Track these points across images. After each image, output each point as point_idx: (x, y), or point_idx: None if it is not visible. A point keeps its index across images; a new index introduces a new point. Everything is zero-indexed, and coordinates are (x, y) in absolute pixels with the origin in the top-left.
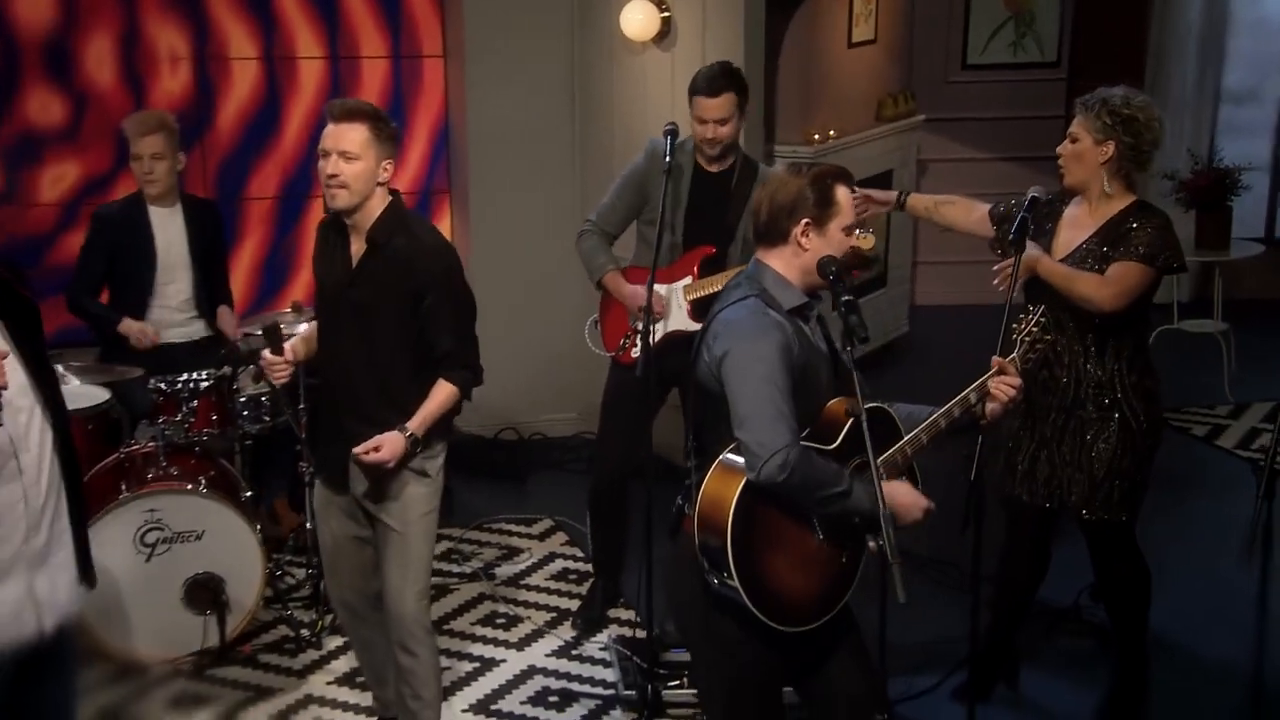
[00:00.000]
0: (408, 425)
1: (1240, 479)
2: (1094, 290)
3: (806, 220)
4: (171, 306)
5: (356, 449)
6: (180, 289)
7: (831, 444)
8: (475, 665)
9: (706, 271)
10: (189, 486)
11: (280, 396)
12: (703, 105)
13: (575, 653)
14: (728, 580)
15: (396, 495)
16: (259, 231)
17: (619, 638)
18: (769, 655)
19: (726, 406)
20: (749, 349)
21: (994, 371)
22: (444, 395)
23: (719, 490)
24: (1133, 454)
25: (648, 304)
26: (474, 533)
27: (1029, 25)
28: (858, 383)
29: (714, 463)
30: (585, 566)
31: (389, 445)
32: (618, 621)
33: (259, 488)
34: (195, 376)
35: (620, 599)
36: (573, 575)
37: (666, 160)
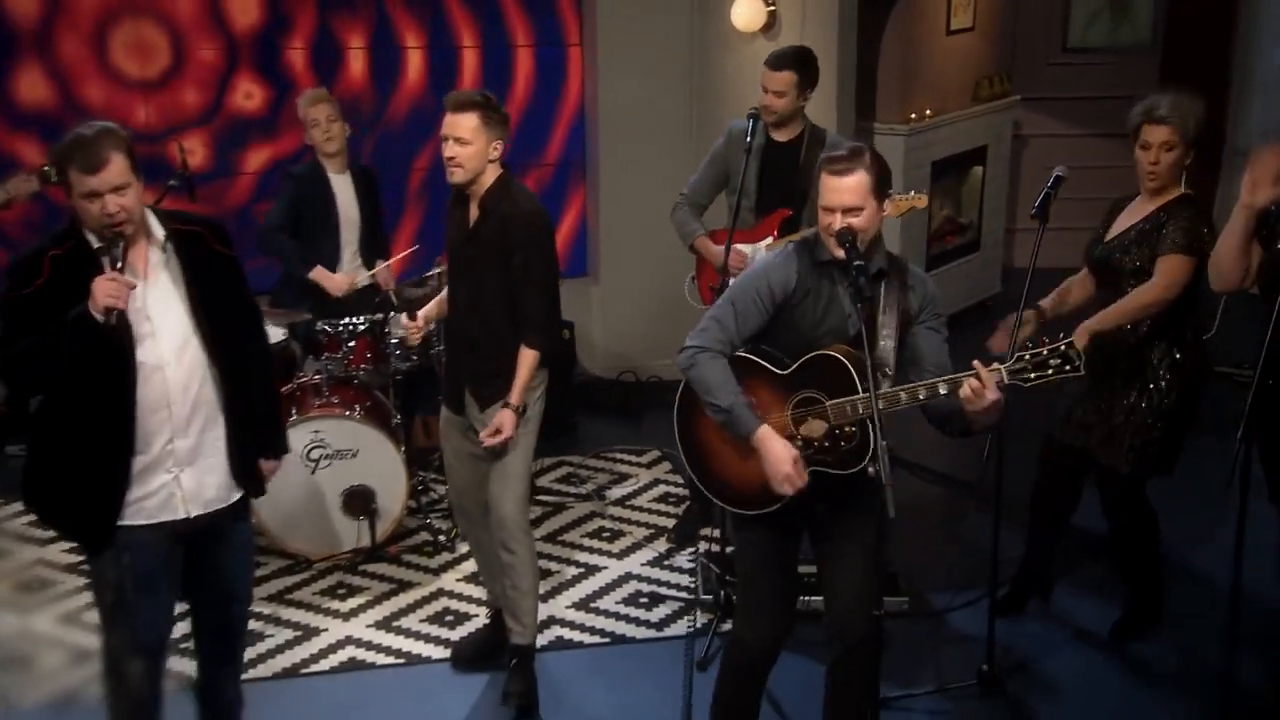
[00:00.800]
0: (510, 400)
1: None
2: (1148, 297)
3: None
4: (346, 258)
5: (482, 434)
6: (349, 243)
7: (784, 370)
8: (580, 570)
9: (785, 232)
10: (347, 413)
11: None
12: (766, 76)
13: (666, 563)
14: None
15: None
16: (423, 200)
17: (705, 552)
18: (751, 534)
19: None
20: (744, 276)
21: (970, 374)
22: (530, 363)
23: None
24: (1152, 419)
25: (724, 261)
26: (592, 460)
27: (1124, 11)
28: (865, 338)
29: None
30: (683, 491)
31: (506, 424)
32: (705, 539)
33: (408, 416)
34: (354, 320)
35: (710, 521)
36: (672, 499)
37: (748, 140)
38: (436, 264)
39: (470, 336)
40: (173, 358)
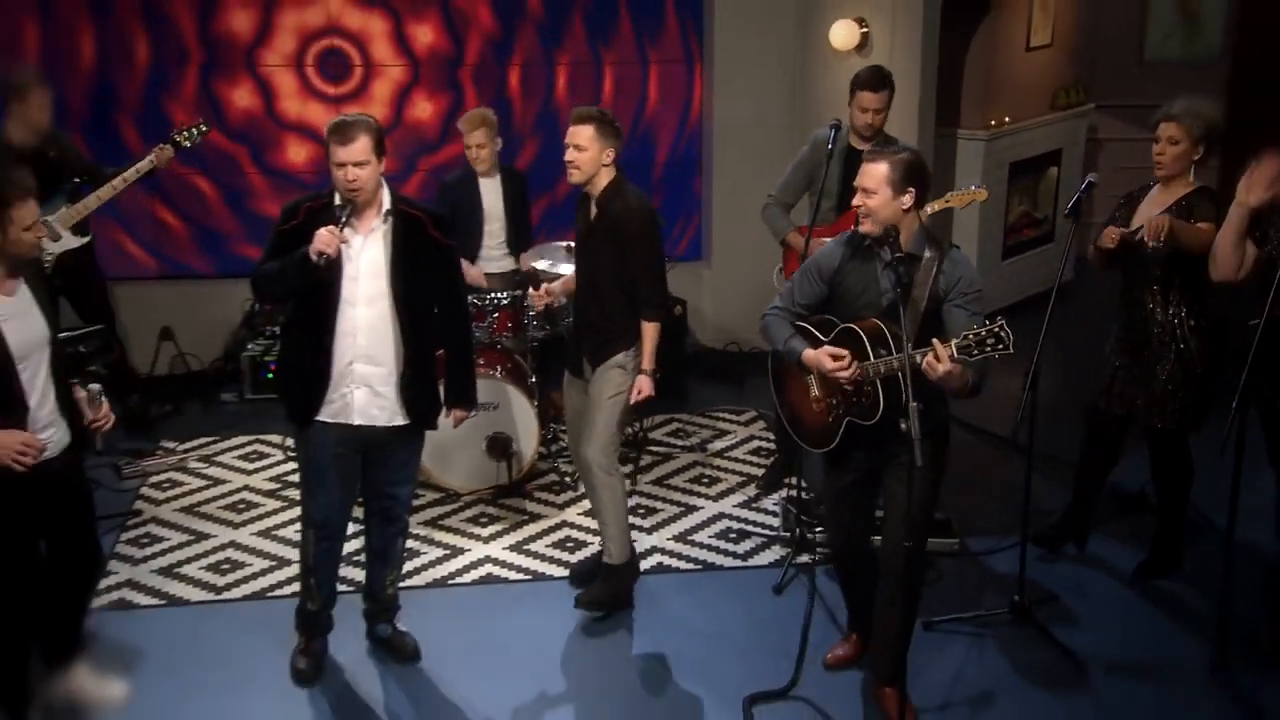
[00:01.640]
0: (644, 365)
1: None
2: (1211, 238)
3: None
4: (492, 247)
5: (631, 398)
6: (492, 234)
7: (827, 336)
8: (681, 509)
9: None
10: (491, 372)
11: (555, 315)
12: (866, 98)
13: (755, 505)
14: None
15: (599, 380)
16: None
17: (787, 497)
18: (829, 468)
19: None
20: (808, 259)
21: (928, 350)
22: (653, 332)
23: None
24: (1187, 380)
25: (804, 251)
26: (698, 417)
27: (1196, 26)
28: (903, 316)
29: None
30: (772, 446)
31: (644, 385)
32: (788, 485)
33: (543, 376)
34: (497, 295)
35: (792, 471)
36: (763, 452)
37: (830, 147)
38: (567, 250)
39: (590, 312)
40: (364, 302)
